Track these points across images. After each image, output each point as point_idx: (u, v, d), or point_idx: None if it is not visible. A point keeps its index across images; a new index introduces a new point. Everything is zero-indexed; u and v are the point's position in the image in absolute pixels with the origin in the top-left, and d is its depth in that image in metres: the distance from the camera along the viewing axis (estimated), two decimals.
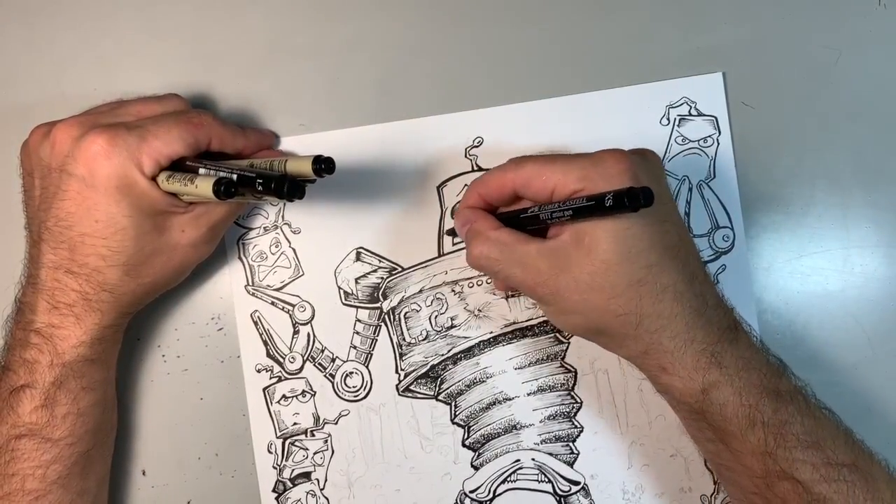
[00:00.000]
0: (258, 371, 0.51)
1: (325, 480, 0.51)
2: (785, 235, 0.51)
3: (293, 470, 0.51)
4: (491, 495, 0.50)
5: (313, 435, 0.51)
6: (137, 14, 0.52)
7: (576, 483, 0.50)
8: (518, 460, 0.50)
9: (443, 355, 0.51)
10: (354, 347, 0.51)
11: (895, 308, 0.51)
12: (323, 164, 0.42)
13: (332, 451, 0.51)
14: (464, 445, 0.51)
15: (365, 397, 0.51)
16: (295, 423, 0.51)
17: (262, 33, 0.52)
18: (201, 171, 0.42)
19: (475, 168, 0.51)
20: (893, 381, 0.50)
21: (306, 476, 0.51)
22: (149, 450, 0.51)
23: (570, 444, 0.50)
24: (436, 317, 0.51)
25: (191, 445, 0.51)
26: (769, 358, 0.42)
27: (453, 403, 0.51)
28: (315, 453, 0.51)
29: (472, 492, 0.51)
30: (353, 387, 0.51)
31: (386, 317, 0.51)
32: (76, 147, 0.42)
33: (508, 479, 0.50)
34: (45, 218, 0.43)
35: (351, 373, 0.51)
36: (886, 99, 0.51)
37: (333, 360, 0.51)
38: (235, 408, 0.51)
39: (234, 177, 0.41)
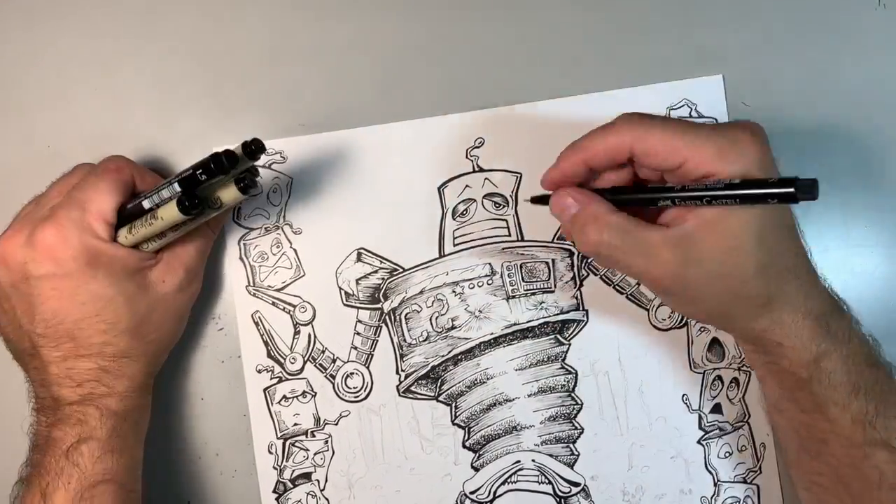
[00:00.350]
0: (259, 371, 0.51)
1: (326, 481, 0.51)
2: None
3: (293, 471, 0.51)
4: (491, 496, 0.50)
5: (314, 435, 0.51)
6: (137, 14, 0.52)
7: (576, 484, 0.50)
8: (518, 461, 0.50)
9: (443, 356, 0.51)
10: (355, 348, 0.51)
11: (895, 308, 0.51)
12: (253, 146, 0.40)
13: (333, 452, 0.51)
14: (464, 446, 0.51)
15: (365, 398, 0.51)
16: (295, 424, 0.51)
17: (262, 33, 0.52)
18: (145, 203, 0.43)
19: (476, 169, 0.51)
20: None
21: (307, 477, 0.51)
22: (148, 450, 0.51)
23: (571, 445, 0.50)
24: (436, 318, 0.51)
25: (191, 445, 0.51)
26: (863, 331, 0.42)
27: (454, 404, 0.51)
28: (315, 454, 0.51)
29: (472, 493, 0.51)
30: (354, 387, 0.51)
31: (387, 318, 0.51)
32: (30, 250, 0.42)
33: (509, 480, 0.51)
34: (33, 327, 0.43)
35: (351, 373, 0.51)
36: (886, 99, 0.51)
37: (334, 361, 0.51)
38: (236, 408, 0.51)
39: (177, 186, 0.40)
